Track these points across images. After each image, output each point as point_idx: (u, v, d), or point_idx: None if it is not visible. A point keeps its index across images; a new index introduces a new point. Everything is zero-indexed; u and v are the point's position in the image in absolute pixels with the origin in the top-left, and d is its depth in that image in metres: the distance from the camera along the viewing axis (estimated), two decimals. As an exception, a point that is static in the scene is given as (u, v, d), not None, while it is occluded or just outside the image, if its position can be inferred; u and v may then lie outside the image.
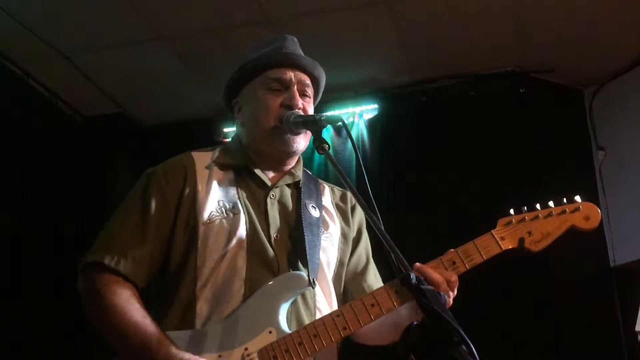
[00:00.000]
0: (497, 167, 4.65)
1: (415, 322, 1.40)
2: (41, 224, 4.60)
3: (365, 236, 2.26)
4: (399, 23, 4.40)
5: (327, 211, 2.17)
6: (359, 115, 5.14)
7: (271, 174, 2.13)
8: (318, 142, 1.88)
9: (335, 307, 2.04)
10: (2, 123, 4.40)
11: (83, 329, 1.95)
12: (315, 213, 2.10)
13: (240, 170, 2.10)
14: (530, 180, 4.58)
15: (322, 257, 2.05)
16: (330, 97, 5.03)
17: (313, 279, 1.94)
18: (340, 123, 1.95)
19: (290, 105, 2.06)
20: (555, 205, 1.98)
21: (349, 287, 2.17)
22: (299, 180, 2.16)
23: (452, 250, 1.92)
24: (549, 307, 4.32)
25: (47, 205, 4.68)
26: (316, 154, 4.91)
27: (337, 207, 2.23)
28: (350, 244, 2.21)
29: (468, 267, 1.89)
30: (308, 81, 2.16)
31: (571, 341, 4.21)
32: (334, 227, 2.15)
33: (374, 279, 2.21)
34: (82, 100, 5.13)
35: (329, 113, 4.95)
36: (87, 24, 4.31)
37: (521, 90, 4.84)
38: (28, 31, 4.31)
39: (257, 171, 2.09)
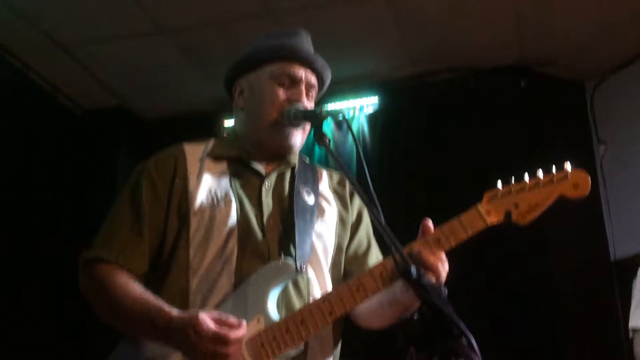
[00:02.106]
0: (497, 160, 4.64)
1: (415, 315, 1.40)
2: (41, 217, 4.60)
3: (366, 220, 2.24)
4: (399, 16, 4.39)
5: (324, 197, 2.17)
6: (359, 108, 5.14)
7: (266, 164, 2.13)
8: (318, 135, 1.88)
9: None
10: (2, 115, 4.38)
11: (83, 329, 1.97)
12: (309, 199, 2.10)
13: (234, 161, 2.11)
14: (530, 173, 4.58)
15: (317, 243, 2.05)
16: (330, 90, 5.00)
17: (301, 266, 1.94)
18: (340, 116, 1.97)
19: (295, 102, 2.08)
20: (543, 174, 1.89)
21: (350, 271, 2.14)
22: (294, 167, 2.16)
23: (437, 228, 1.84)
24: (548, 301, 4.32)
25: (46, 198, 4.68)
26: (317, 147, 4.92)
27: (335, 192, 2.23)
28: (349, 228, 2.19)
29: (453, 245, 1.82)
30: (315, 82, 2.18)
31: (570, 335, 4.22)
32: (331, 212, 2.15)
33: (376, 263, 2.17)
34: (82, 92, 5.12)
35: (330, 106, 4.97)
36: (87, 16, 4.29)
37: (522, 84, 4.84)
38: (28, 23, 4.30)
39: (252, 162, 2.10)
